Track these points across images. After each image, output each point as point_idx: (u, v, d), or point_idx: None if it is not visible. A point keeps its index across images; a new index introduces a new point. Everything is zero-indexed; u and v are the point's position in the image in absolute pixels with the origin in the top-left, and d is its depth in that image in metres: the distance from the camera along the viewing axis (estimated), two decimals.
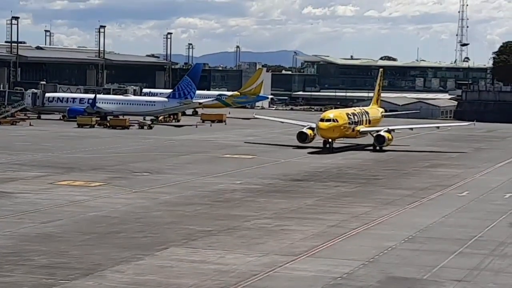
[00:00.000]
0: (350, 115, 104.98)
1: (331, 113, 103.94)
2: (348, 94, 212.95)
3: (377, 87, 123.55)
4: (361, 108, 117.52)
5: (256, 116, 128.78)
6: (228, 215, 54.08)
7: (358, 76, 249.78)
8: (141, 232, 47.51)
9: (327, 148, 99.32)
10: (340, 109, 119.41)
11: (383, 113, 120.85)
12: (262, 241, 45.89)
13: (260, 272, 39.07)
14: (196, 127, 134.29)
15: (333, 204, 59.83)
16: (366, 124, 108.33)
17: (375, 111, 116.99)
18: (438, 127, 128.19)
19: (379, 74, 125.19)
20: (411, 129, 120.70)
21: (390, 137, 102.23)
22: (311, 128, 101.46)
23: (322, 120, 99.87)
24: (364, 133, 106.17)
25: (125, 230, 47.95)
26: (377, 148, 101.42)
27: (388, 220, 54.06)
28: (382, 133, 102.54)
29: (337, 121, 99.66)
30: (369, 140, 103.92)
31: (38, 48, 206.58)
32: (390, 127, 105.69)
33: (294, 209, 57.24)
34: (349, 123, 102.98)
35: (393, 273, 39.75)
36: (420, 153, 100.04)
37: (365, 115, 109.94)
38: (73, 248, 42.93)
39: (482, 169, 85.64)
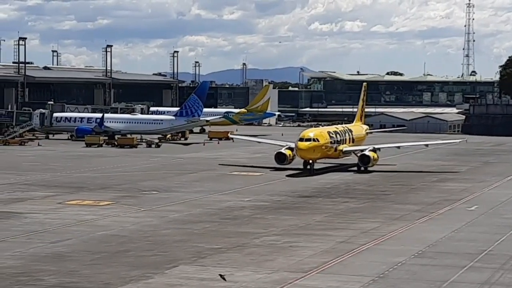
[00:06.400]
0: (332, 134, 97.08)
1: (311, 132, 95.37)
2: (354, 109, 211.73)
3: (360, 103, 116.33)
4: (343, 125, 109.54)
5: (232, 136, 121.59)
6: (237, 232, 54.06)
7: None
8: (150, 251, 47.51)
9: (308, 170, 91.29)
10: (321, 127, 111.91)
11: (367, 131, 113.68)
12: (271, 258, 45.84)
13: None
14: (204, 144, 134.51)
15: (342, 220, 59.75)
16: (349, 142, 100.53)
17: (358, 128, 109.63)
18: (427, 145, 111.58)
19: (363, 89, 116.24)
20: (398, 147, 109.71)
21: (375, 156, 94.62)
22: (290, 148, 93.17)
23: (301, 139, 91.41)
24: (347, 153, 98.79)
25: (134, 249, 47.96)
26: (362, 168, 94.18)
27: (397, 235, 53.96)
28: (366, 152, 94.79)
29: (318, 141, 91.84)
30: (354, 160, 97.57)
31: (45, 68, 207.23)
32: (376, 146, 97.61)
33: (302, 225, 57.19)
34: (331, 142, 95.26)
35: None
36: (426, 167, 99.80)
37: (348, 133, 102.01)
38: (82, 267, 42.94)
39: (490, 183, 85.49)
